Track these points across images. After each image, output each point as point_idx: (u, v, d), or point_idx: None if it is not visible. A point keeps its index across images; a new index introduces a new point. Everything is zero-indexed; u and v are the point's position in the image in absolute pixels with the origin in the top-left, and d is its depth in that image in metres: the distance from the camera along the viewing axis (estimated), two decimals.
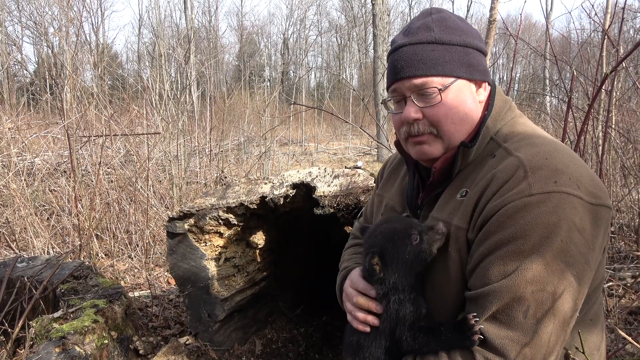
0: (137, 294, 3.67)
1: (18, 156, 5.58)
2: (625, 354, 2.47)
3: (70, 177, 5.12)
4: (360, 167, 2.91)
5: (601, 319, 1.28)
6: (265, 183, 2.59)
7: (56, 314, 2.24)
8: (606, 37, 3.17)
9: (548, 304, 1.01)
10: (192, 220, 2.58)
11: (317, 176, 2.53)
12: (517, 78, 26.75)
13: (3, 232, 4.49)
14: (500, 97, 1.30)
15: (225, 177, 6.63)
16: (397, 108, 1.30)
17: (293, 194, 2.51)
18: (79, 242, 4.19)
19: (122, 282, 4.10)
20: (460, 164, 1.24)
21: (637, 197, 4.35)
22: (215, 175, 6.53)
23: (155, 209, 5.12)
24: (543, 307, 1.01)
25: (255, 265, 2.92)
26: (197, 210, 2.57)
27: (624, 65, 3.73)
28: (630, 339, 1.28)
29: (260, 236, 2.85)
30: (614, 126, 4.37)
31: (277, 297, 3.22)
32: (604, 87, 3.55)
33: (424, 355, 1.13)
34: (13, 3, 24.32)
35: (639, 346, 1.42)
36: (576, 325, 1.09)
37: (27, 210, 4.52)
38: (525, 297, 1.01)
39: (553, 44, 3.81)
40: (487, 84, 1.29)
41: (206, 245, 2.66)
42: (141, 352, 2.41)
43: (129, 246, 4.65)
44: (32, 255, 3.91)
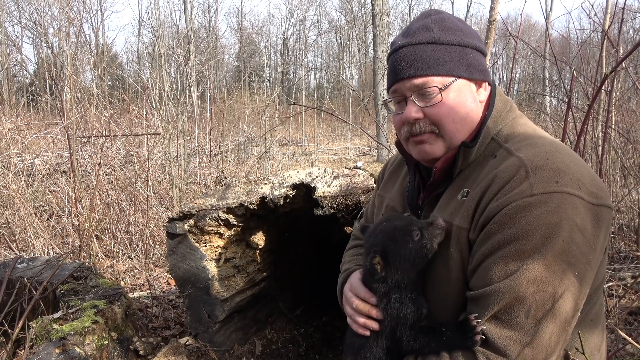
0: (137, 294, 3.66)
1: (18, 157, 5.58)
2: (625, 355, 2.47)
3: (70, 177, 5.12)
4: (360, 168, 2.91)
5: (602, 320, 1.28)
6: (265, 184, 2.59)
7: (56, 315, 2.23)
8: (606, 37, 3.17)
9: (549, 304, 1.01)
10: (192, 221, 2.58)
11: (317, 177, 2.53)
12: (517, 78, 26.78)
13: (3, 233, 4.49)
14: (501, 98, 1.30)
15: (225, 178, 6.63)
16: (397, 109, 1.30)
17: (293, 194, 2.51)
18: (79, 243, 4.19)
19: (122, 283, 4.10)
20: (461, 164, 1.24)
21: (637, 198, 4.35)
22: (215, 175, 6.53)
23: (155, 209, 5.12)
24: (544, 307, 1.01)
25: (255, 266, 2.92)
26: (197, 211, 2.56)
27: (624, 65, 3.73)
28: (630, 339, 1.28)
29: (260, 237, 2.85)
30: (613, 126, 4.38)
31: (277, 298, 3.22)
32: (603, 88, 3.55)
33: (426, 355, 1.12)
34: (13, 4, 24.34)
35: (639, 347, 1.42)
36: (577, 326, 1.09)
37: (27, 211, 4.51)
38: (526, 297, 1.01)
39: (553, 44, 3.81)
40: (487, 83, 1.30)
41: (206, 245, 2.65)
42: (141, 352, 2.41)
43: (128, 247, 4.64)
44: (32, 255, 3.90)
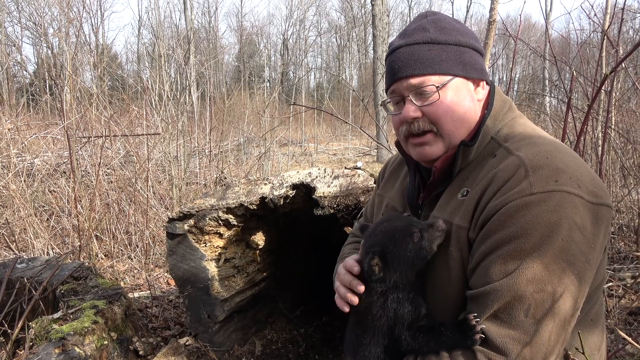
0: (136, 294, 3.66)
1: (18, 157, 5.58)
2: (625, 355, 2.47)
3: (70, 177, 5.12)
4: (360, 168, 2.91)
5: (602, 319, 1.28)
6: (265, 184, 2.59)
7: (56, 315, 2.23)
8: (606, 37, 3.17)
9: (548, 303, 1.01)
10: (191, 221, 2.58)
11: (316, 177, 2.53)
12: (516, 78, 26.80)
13: (3, 233, 4.49)
14: (500, 97, 1.30)
15: (225, 178, 6.63)
16: (396, 109, 1.31)
17: (293, 194, 2.51)
18: (79, 243, 4.18)
19: (122, 283, 4.10)
20: (460, 163, 1.24)
21: (636, 198, 4.35)
22: (215, 175, 6.53)
23: (155, 209, 5.12)
24: (544, 306, 1.01)
25: (255, 266, 2.92)
26: (196, 211, 2.56)
27: (624, 65, 3.74)
28: (630, 339, 1.28)
29: (260, 237, 2.85)
30: (613, 126, 4.38)
31: (277, 298, 3.22)
32: (603, 88, 3.55)
33: (425, 355, 1.12)
34: (13, 4, 24.34)
35: (639, 347, 1.42)
36: (577, 326, 1.09)
37: (26, 211, 4.51)
38: (526, 296, 1.01)
39: (552, 44, 3.81)
40: (485, 83, 1.30)
41: (206, 246, 2.65)
42: (141, 353, 2.41)
43: (128, 247, 4.64)
44: (32, 256, 3.90)
